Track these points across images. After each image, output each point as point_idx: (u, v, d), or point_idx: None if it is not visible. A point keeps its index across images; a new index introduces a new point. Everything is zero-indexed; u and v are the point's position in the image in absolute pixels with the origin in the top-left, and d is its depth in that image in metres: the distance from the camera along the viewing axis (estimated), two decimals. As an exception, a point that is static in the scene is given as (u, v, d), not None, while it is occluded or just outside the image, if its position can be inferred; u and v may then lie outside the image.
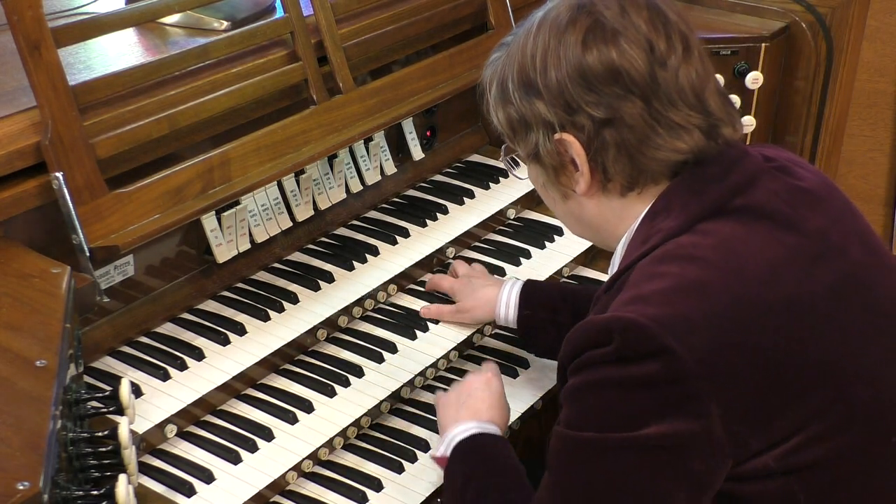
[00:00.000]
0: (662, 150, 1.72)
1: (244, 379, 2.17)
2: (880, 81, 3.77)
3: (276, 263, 2.46)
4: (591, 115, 1.71)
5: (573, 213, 1.87)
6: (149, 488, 1.93)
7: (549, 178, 1.82)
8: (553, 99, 1.73)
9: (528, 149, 1.81)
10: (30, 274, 1.85)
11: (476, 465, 1.94)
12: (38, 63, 1.92)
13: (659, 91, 1.70)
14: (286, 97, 2.37)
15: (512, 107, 1.80)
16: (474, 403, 2.07)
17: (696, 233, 1.69)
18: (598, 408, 1.64)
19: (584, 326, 1.66)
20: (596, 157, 1.74)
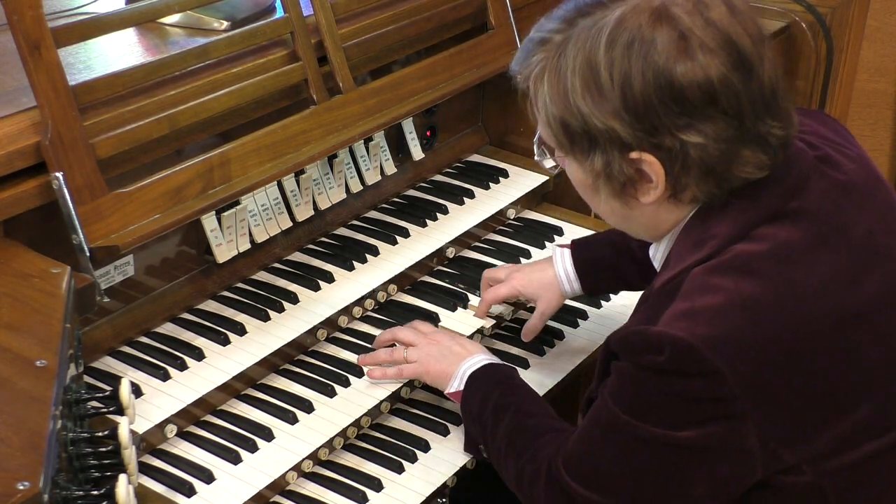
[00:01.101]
0: (749, 167, 1.64)
1: (244, 379, 2.17)
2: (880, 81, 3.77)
3: (276, 263, 2.46)
4: (681, 138, 1.59)
5: (623, 215, 1.76)
6: (149, 488, 1.93)
7: (613, 191, 1.70)
8: (635, 121, 1.59)
9: (592, 166, 1.67)
10: (30, 274, 1.85)
11: (493, 388, 2.05)
12: (38, 63, 1.92)
13: (752, 105, 1.60)
14: (286, 97, 2.37)
15: (574, 119, 1.64)
16: (456, 347, 2.18)
17: (752, 239, 1.64)
18: (641, 401, 1.67)
19: (638, 333, 1.65)
20: (674, 175, 1.64)
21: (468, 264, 2.62)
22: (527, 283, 2.36)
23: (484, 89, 2.94)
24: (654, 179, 1.65)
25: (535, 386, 2.33)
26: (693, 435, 1.62)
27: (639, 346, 1.65)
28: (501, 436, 1.98)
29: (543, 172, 2.85)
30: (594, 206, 1.82)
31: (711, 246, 1.66)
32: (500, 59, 2.77)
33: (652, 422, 1.65)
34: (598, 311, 2.59)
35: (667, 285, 1.69)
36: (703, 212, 1.70)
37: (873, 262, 1.69)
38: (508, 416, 1.99)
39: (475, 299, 2.50)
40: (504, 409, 2.01)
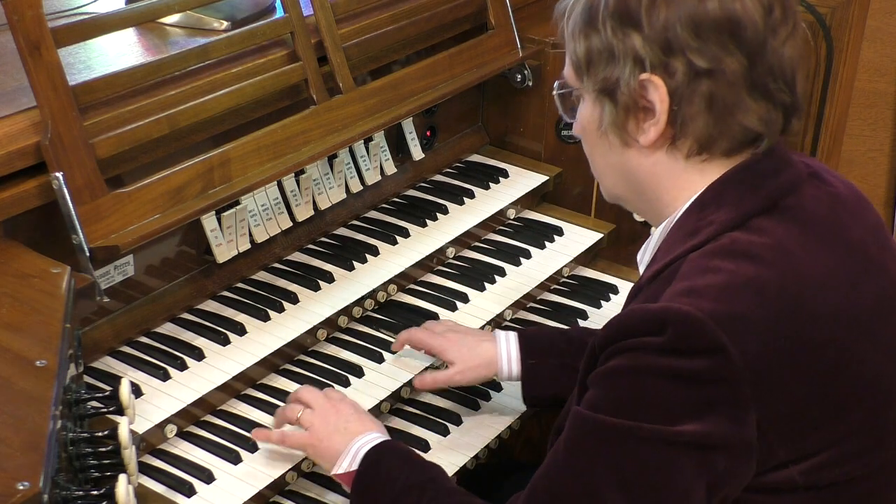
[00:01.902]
0: (750, 116, 1.64)
1: (244, 379, 2.17)
2: (880, 81, 3.77)
3: (276, 263, 2.46)
4: (691, 61, 1.61)
5: (623, 167, 1.75)
6: (149, 488, 1.93)
7: (616, 118, 1.70)
8: (654, 35, 1.62)
9: (604, 83, 1.68)
10: (30, 274, 1.85)
11: (400, 464, 1.88)
12: (38, 63, 1.92)
13: (765, 55, 1.62)
14: (286, 97, 2.37)
15: (598, 36, 1.67)
16: (354, 424, 1.99)
17: (750, 230, 1.63)
18: (635, 395, 1.58)
19: (635, 312, 1.60)
20: (678, 108, 1.64)
21: (468, 264, 2.62)
22: (464, 349, 2.22)
23: (484, 89, 2.94)
24: (657, 110, 1.65)
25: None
26: (694, 429, 1.55)
27: (635, 328, 1.58)
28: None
29: (541, 171, 2.85)
30: (595, 157, 1.81)
31: (708, 232, 1.64)
32: (500, 59, 2.77)
33: (649, 418, 1.56)
34: (597, 310, 2.59)
35: (660, 273, 1.66)
36: (699, 204, 1.69)
37: (868, 271, 1.68)
38: (428, 496, 1.82)
39: (475, 299, 2.50)
40: (420, 488, 1.83)
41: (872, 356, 1.64)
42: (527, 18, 2.92)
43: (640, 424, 1.56)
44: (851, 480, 1.65)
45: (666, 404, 1.56)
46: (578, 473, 1.62)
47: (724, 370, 1.53)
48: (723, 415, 1.55)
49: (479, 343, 2.22)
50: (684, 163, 1.70)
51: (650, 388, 1.57)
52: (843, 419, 1.62)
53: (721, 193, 1.68)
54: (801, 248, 1.63)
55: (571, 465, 1.63)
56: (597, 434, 1.60)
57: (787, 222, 1.65)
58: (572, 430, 1.64)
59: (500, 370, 2.20)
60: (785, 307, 1.57)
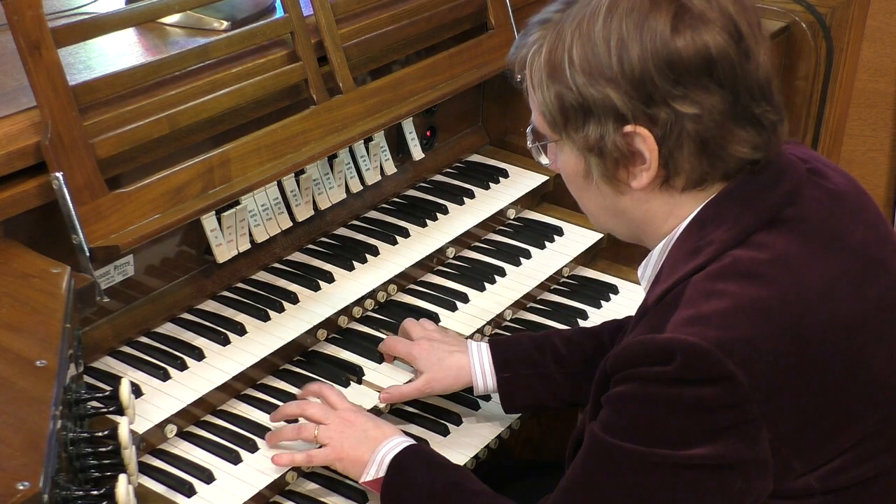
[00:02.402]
0: (743, 146, 1.62)
1: (244, 379, 2.17)
2: (880, 81, 3.77)
3: (276, 263, 2.46)
4: (675, 108, 1.58)
5: (616, 209, 1.73)
6: (149, 488, 1.93)
7: (605, 171, 1.66)
8: (631, 89, 1.58)
9: (586, 140, 1.64)
10: (30, 274, 1.85)
11: (425, 470, 1.90)
12: (38, 63, 1.92)
13: (747, 83, 1.60)
14: (286, 97, 2.37)
15: (570, 92, 1.63)
16: (373, 431, 1.99)
17: (751, 246, 1.62)
18: (646, 422, 1.59)
19: (643, 342, 1.59)
20: (668, 153, 1.62)
21: (468, 264, 2.62)
22: (434, 359, 2.19)
23: (484, 89, 2.94)
24: (647, 157, 1.62)
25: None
26: (706, 452, 1.55)
27: (643, 357, 1.58)
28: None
29: (541, 171, 2.85)
30: (584, 201, 1.79)
31: (709, 252, 1.63)
32: (500, 59, 2.77)
33: (661, 444, 1.57)
34: (597, 310, 2.59)
35: (664, 296, 1.65)
36: (698, 221, 1.68)
37: (871, 272, 1.68)
38: (454, 499, 1.85)
39: (475, 299, 2.50)
40: (448, 491, 1.86)
41: (881, 358, 1.64)
42: (527, 18, 2.90)
43: (651, 450, 1.58)
44: (868, 480, 1.65)
45: (676, 430, 1.57)
46: (593, 491, 1.65)
47: (733, 396, 1.54)
48: (734, 437, 1.56)
49: (450, 354, 2.20)
50: (679, 195, 1.69)
51: (660, 415, 1.58)
52: (855, 424, 1.62)
53: (720, 211, 1.66)
54: (801, 260, 1.62)
55: (588, 485, 1.66)
56: (610, 457, 1.62)
57: (788, 234, 1.64)
58: (588, 450, 1.66)
59: (475, 385, 2.19)
60: (789, 327, 1.57)
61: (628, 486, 1.61)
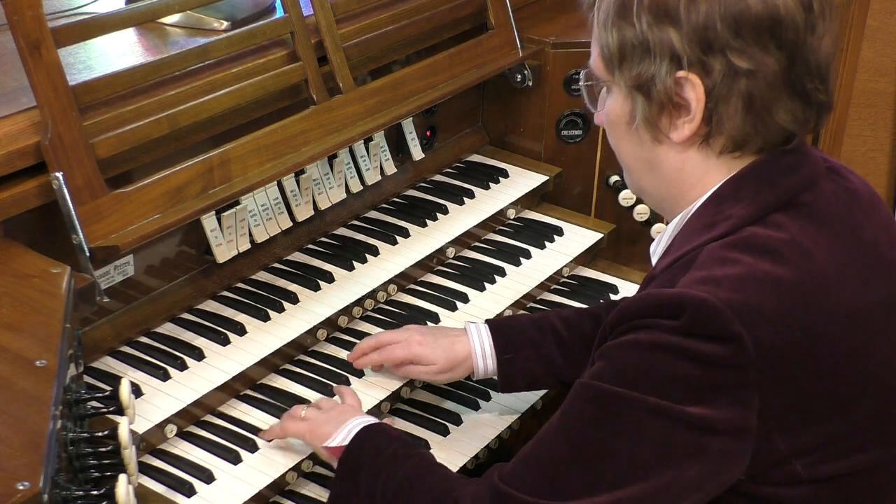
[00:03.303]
0: (788, 115, 1.63)
1: (244, 379, 2.17)
2: (880, 81, 3.77)
3: (276, 263, 2.46)
4: (731, 61, 1.59)
5: (652, 161, 1.73)
6: (149, 488, 1.93)
7: (649, 115, 1.67)
8: (693, 33, 1.59)
9: (638, 79, 1.65)
10: (30, 274, 1.85)
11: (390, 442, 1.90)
12: (38, 63, 1.92)
13: (805, 54, 1.61)
14: (286, 97, 2.37)
15: (632, 29, 1.63)
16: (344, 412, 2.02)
17: (768, 224, 1.63)
18: (642, 367, 1.58)
19: (651, 295, 1.60)
20: (714, 107, 1.62)
21: (468, 264, 2.62)
22: (438, 349, 2.18)
23: (484, 89, 2.94)
24: (693, 109, 1.63)
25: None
26: (699, 412, 1.55)
27: (652, 310, 1.58)
28: (401, 479, 1.81)
29: (541, 171, 2.85)
30: (622, 151, 1.78)
31: (726, 225, 1.64)
32: (500, 59, 2.77)
33: (654, 392, 1.56)
34: (598, 311, 2.59)
35: (677, 261, 1.65)
36: (716, 197, 1.68)
37: (879, 268, 1.69)
38: (410, 464, 1.83)
39: (475, 299, 2.50)
40: (404, 458, 1.85)
41: (882, 353, 1.65)
42: (527, 18, 2.92)
43: (642, 395, 1.57)
44: (855, 474, 1.65)
45: (670, 380, 1.57)
46: (568, 439, 1.63)
47: (737, 358, 1.54)
48: (726, 399, 1.56)
49: (453, 344, 2.19)
50: (716, 160, 1.69)
51: (658, 362, 1.57)
52: (846, 415, 1.63)
53: (739, 188, 1.67)
54: (816, 246, 1.63)
55: (564, 429, 1.64)
56: (597, 401, 1.61)
57: (803, 219, 1.65)
58: (571, 398, 1.65)
59: (475, 368, 2.19)
60: (800, 302, 1.58)
61: (611, 431, 1.59)
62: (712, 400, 1.56)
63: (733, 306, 1.54)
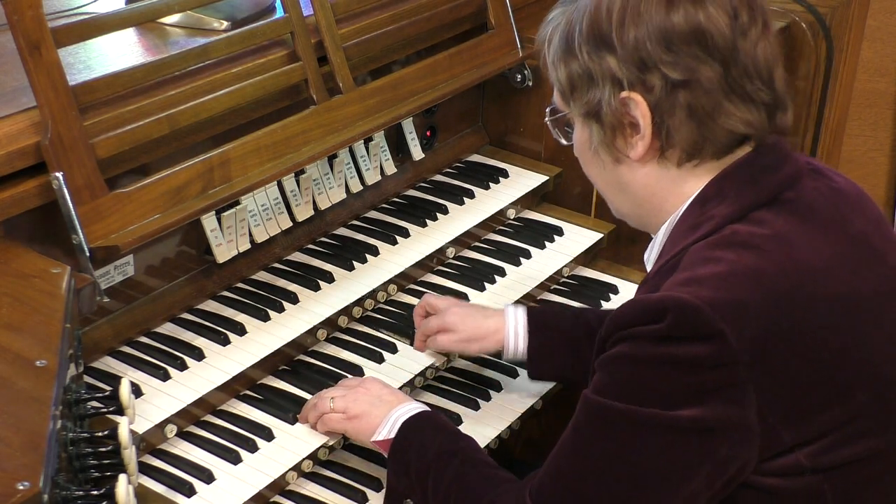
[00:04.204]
0: (732, 119, 1.69)
1: (244, 379, 2.17)
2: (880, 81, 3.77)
3: (276, 263, 2.46)
4: (666, 75, 1.66)
5: (620, 182, 1.80)
6: (149, 488, 1.93)
7: (605, 138, 1.75)
8: (627, 55, 1.68)
9: (588, 106, 1.75)
10: (30, 274, 1.85)
11: (433, 434, 1.95)
12: (38, 63, 1.92)
13: (738, 59, 1.67)
14: (286, 97, 2.37)
15: (576, 61, 1.74)
16: (388, 396, 2.05)
17: (750, 221, 1.67)
18: (635, 381, 1.63)
19: (636, 303, 1.65)
20: (661, 121, 1.70)
21: (468, 264, 2.62)
22: (470, 321, 2.26)
23: (484, 89, 2.94)
24: (642, 125, 1.70)
25: (535, 386, 2.34)
26: (693, 414, 1.58)
27: (637, 317, 1.62)
28: (448, 482, 1.86)
29: (541, 171, 2.85)
30: (593, 177, 1.86)
31: (709, 226, 1.68)
32: (500, 59, 2.77)
33: (649, 403, 1.60)
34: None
35: (665, 265, 1.70)
36: (700, 199, 1.73)
37: (869, 259, 1.71)
38: (456, 463, 1.88)
39: (475, 299, 2.50)
40: (450, 456, 1.89)
41: (878, 341, 1.67)
42: (527, 18, 2.92)
43: (641, 409, 1.61)
44: (858, 462, 1.67)
45: (665, 390, 1.61)
46: (582, 454, 1.68)
47: (723, 356, 1.57)
48: (721, 399, 1.59)
49: (485, 318, 2.26)
50: (676, 170, 1.75)
51: (650, 374, 1.62)
52: (846, 402, 1.64)
53: (722, 188, 1.72)
54: (800, 238, 1.66)
55: (576, 446, 1.70)
56: (600, 416, 1.66)
57: (787, 214, 1.69)
58: (579, 412, 1.70)
59: (506, 347, 2.24)
60: (784, 294, 1.61)
61: (615, 446, 1.64)
62: (706, 401, 1.59)
63: (715, 304, 1.57)
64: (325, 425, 2.07)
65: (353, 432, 2.05)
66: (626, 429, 1.63)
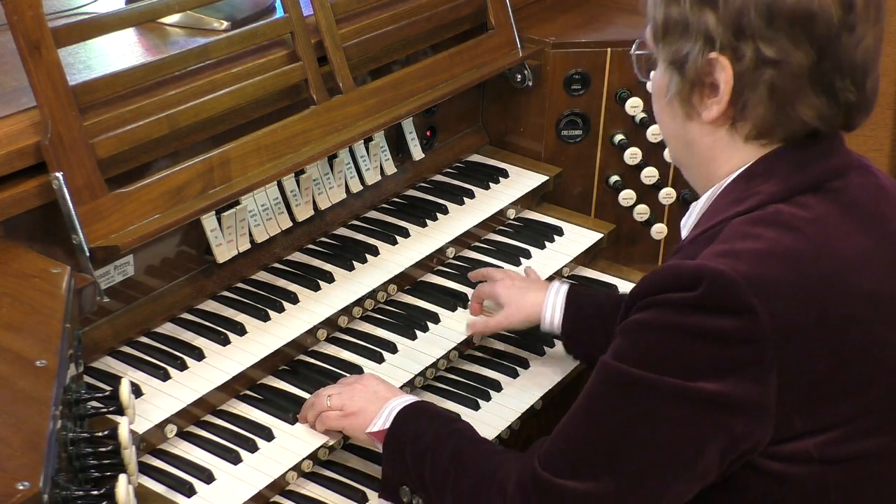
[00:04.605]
0: (810, 110, 1.67)
1: (244, 379, 2.17)
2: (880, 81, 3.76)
3: (276, 263, 2.46)
4: (759, 49, 1.64)
5: (686, 137, 1.79)
6: (149, 488, 1.93)
7: (681, 90, 1.74)
8: (728, 17, 1.65)
9: (675, 55, 1.73)
10: (30, 274, 1.85)
11: (429, 421, 1.97)
12: (38, 63, 1.92)
13: (836, 53, 1.64)
14: (286, 97, 2.37)
15: (677, 7, 1.71)
16: (384, 392, 2.07)
17: (794, 204, 1.67)
18: (660, 349, 1.62)
19: (671, 267, 1.64)
20: (741, 91, 1.68)
21: (468, 264, 2.62)
22: (515, 295, 2.36)
23: (484, 89, 2.94)
24: (721, 90, 1.68)
25: (534, 386, 2.35)
26: (715, 388, 1.58)
27: (670, 283, 1.62)
28: (447, 463, 1.87)
29: (541, 171, 2.85)
30: (662, 123, 1.85)
31: (753, 201, 1.68)
32: (500, 59, 2.77)
33: (672, 372, 1.59)
34: (598, 311, 2.58)
35: (703, 234, 1.69)
36: (747, 174, 1.73)
37: None
38: (452, 444, 1.89)
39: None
40: (446, 438, 1.91)
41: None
42: (527, 18, 2.92)
43: (661, 378, 1.60)
44: (865, 458, 1.67)
45: (689, 361, 1.60)
46: (596, 422, 1.68)
47: (752, 332, 1.57)
48: (744, 376, 1.58)
49: (527, 292, 2.36)
50: (742, 143, 1.73)
51: (675, 343, 1.61)
52: (860, 397, 1.65)
53: (770, 167, 1.71)
54: (840, 229, 1.67)
55: (589, 413, 1.69)
56: (617, 382, 1.65)
57: (830, 203, 1.69)
58: (594, 378, 1.69)
59: (542, 320, 2.32)
60: (818, 280, 1.61)
61: (631, 415, 1.64)
62: (729, 377, 1.58)
63: (750, 279, 1.57)
64: (324, 424, 2.08)
65: (351, 429, 2.06)
66: (644, 397, 1.62)
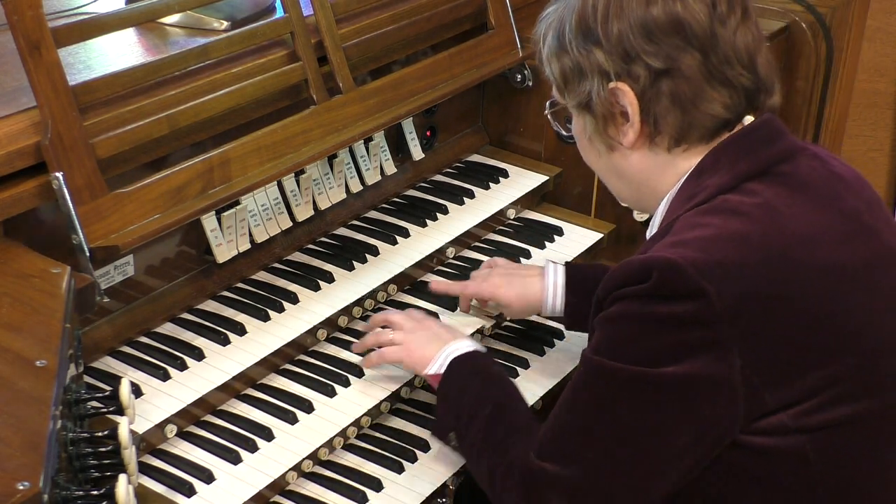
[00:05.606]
0: (714, 105, 1.78)
1: (244, 379, 2.17)
2: (880, 81, 3.77)
3: (276, 263, 2.46)
4: (649, 64, 1.75)
5: (616, 168, 1.90)
6: (149, 488, 1.93)
7: (598, 128, 1.85)
8: (612, 48, 1.77)
9: (580, 98, 1.85)
10: (30, 274, 1.85)
11: (472, 377, 2.06)
12: (38, 63, 1.92)
13: (717, 46, 1.76)
14: (286, 97, 2.37)
15: (568, 56, 1.84)
16: (445, 334, 2.16)
17: (742, 191, 1.75)
18: (622, 339, 1.72)
19: (626, 264, 1.73)
20: (648, 109, 1.79)
21: (468, 264, 2.62)
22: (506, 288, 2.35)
23: (484, 89, 2.94)
24: (630, 114, 1.79)
25: (535, 386, 2.34)
26: (677, 371, 1.65)
27: (625, 278, 1.71)
28: (476, 431, 1.97)
29: (541, 171, 2.85)
30: (591, 164, 1.96)
31: (703, 195, 1.77)
32: (500, 59, 2.77)
33: (636, 360, 1.68)
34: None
35: (657, 233, 1.79)
36: (697, 171, 1.81)
37: (860, 233, 1.77)
38: (486, 413, 1.98)
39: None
40: (482, 403, 2.00)
41: (864, 310, 1.73)
42: (527, 18, 2.91)
43: (625, 367, 1.69)
44: (841, 425, 1.71)
45: (649, 348, 1.68)
46: (576, 411, 1.78)
47: (705, 314, 1.63)
48: (704, 358, 1.65)
49: (526, 286, 2.35)
50: (667, 155, 1.84)
51: (636, 332, 1.71)
52: (828, 367, 1.69)
53: (718, 159, 1.80)
54: (789, 209, 1.73)
55: (571, 403, 1.80)
56: (593, 374, 1.75)
57: (778, 185, 1.76)
58: (579, 372, 1.80)
59: (544, 305, 2.34)
60: (767, 257, 1.67)
61: (600, 402, 1.74)
62: (690, 359, 1.65)
63: (698, 264, 1.64)
64: (383, 357, 2.19)
65: (410, 363, 2.16)
66: (614, 386, 1.72)
